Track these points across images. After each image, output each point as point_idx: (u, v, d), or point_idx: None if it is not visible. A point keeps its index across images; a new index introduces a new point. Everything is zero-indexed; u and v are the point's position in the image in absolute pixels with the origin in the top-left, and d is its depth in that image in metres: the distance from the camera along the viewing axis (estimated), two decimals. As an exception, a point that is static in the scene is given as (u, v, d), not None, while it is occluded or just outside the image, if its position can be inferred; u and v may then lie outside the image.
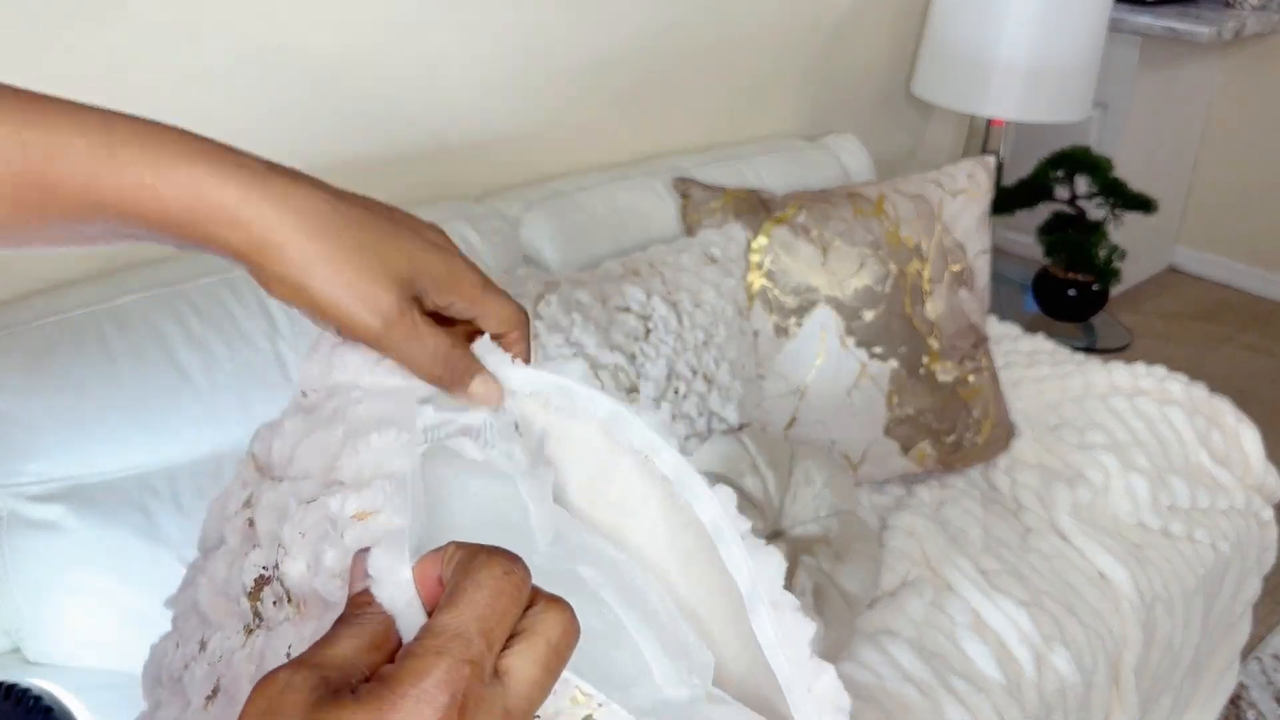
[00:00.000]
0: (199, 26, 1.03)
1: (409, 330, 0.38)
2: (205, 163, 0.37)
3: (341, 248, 0.37)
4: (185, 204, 0.36)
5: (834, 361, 1.25)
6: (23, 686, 0.62)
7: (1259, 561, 1.39)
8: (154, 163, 0.35)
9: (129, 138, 0.35)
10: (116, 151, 0.35)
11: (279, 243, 0.36)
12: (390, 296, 0.37)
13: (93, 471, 0.84)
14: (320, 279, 0.36)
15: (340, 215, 0.37)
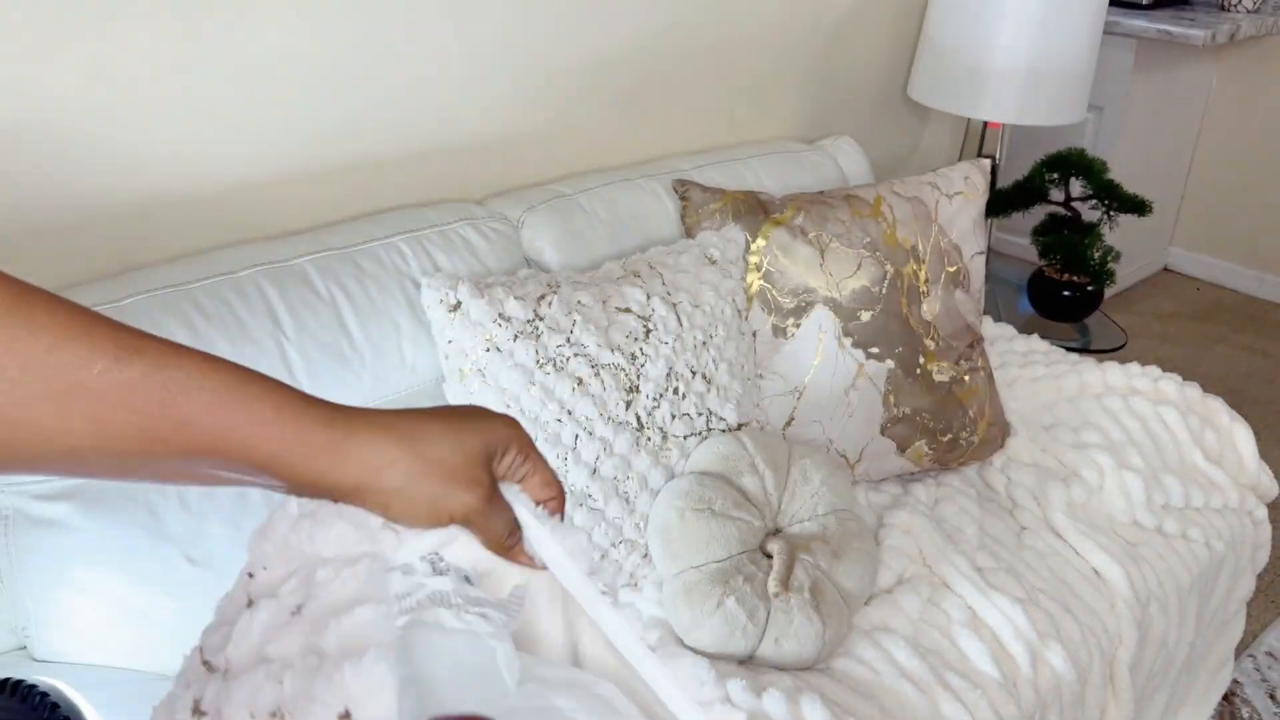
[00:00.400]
0: (200, 27, 1.03)
1: (497, 504, 0.44)
2: (313, 411, 0.40)
3: (434, 466, 0.42)
4: (296, 447, 0.40)
5: (831, 362, 1.26)
6: (29, 684, 0.62)
7: (1252, 560, 1.41)
8: (265, 407, 0.39)
9: (241, 384, 0.39)
10: (238, 395, 0.38)
11: (384, 481, 0.41)
12: (485, 475, 0.43)
13: (99, 470, 0.85)
14: (431, 483, 0.41)
15: (423, 441, 0.42)
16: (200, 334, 0.92)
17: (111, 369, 0.36)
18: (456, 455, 0.42)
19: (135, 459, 0.37)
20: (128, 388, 0.36)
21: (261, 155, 1.13)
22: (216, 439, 0.38)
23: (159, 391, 0.36)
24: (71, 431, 0.35)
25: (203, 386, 0.37)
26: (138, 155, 1.04)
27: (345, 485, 0.41)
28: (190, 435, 0.37)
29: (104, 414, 0.36)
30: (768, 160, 1.51)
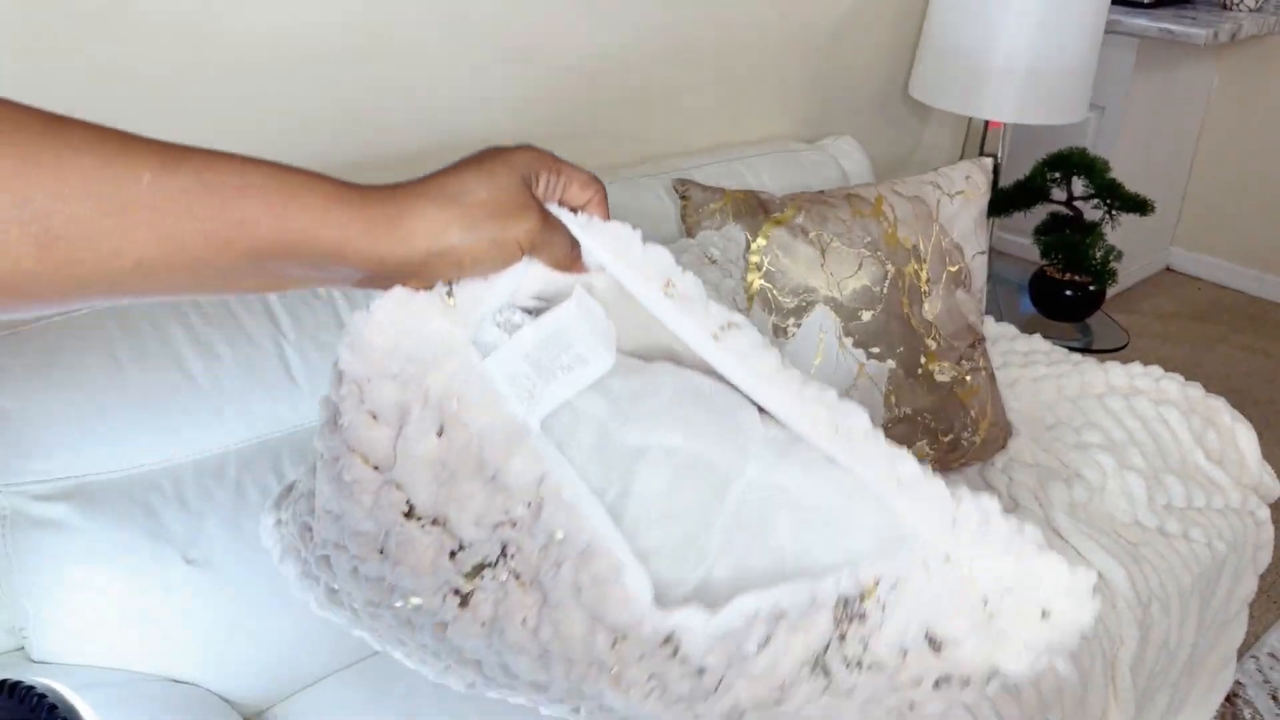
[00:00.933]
0: (200, 27, 1.03)
1: (553, 223, 0.47)
2: (364, 195, 0.43)
3: (481, 209, 0.45)
4: (358, 231, 0.42)
5: (832, 361, 1.26)
6: (27, 684, 0.62)
7: (1254, 560, 1.40)
8: (316, 197, 0.41)
9: (286, 177, 0.41)
10: (287, 188, 0.40)
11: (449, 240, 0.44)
12: (530, 199, 0.46)
13: (97, 470, 0.85)
14: (488, 225, 0.44)
15: (463, 191, 0.45)
16: (199, 334, 0.92)
17: (160, 178, 0.36)
18: (498, 192, 0.45)
19: (206, 267, 0.38)
20: (181, 195, 0.37)
21: (259, 155, 1.12)
22: (279, 233, 0.39)
23: (212, 195, 0.37)
24: (136, 243, 0.36)
25: (251, 184, 0.38)
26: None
27: (415, 259, 0.43)
28: (253, 233, 0.38)
29: (165, 224, 0.36)
30: (768, 159, 1.51)
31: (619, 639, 0.46)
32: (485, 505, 0.47)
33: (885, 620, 0.48)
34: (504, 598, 0.48)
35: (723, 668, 0.47)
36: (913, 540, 0.48)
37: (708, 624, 0.46)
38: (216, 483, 0.89)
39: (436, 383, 0.47)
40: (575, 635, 0.46)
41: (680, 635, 0.45)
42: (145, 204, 0.36)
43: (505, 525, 0.47)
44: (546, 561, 0.47)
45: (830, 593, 0.47)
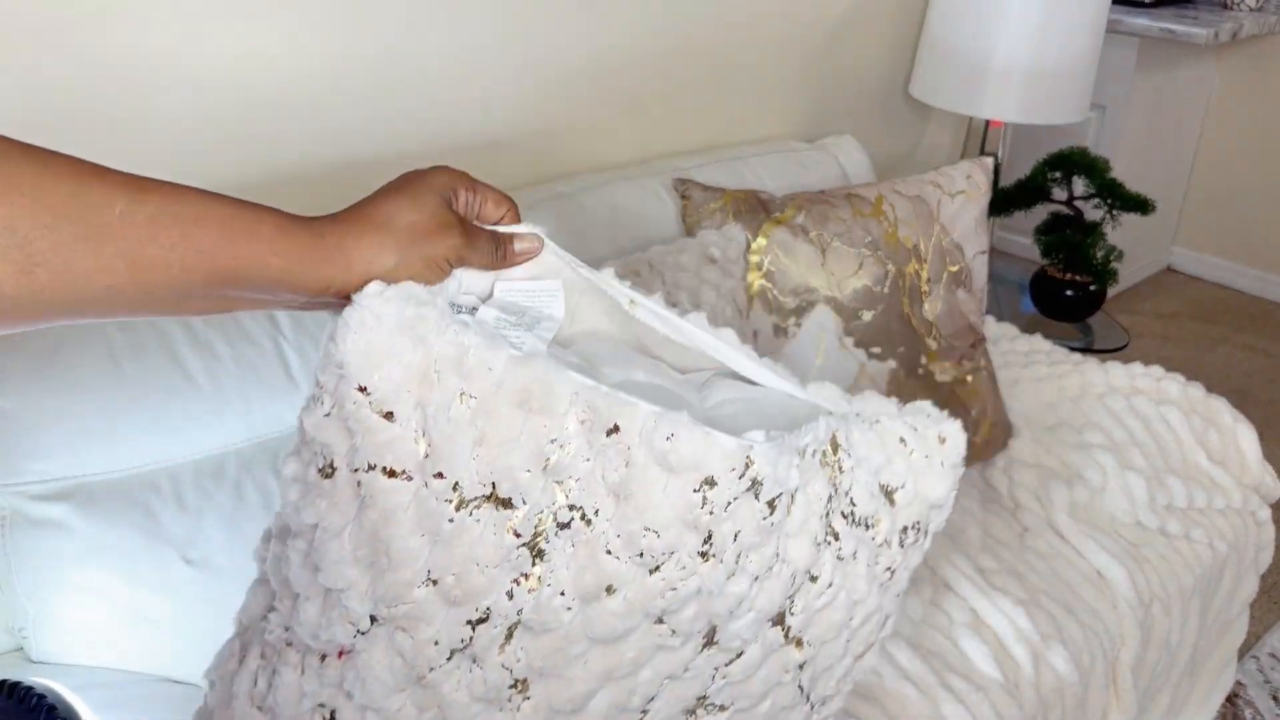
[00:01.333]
0: (199, 27, 1.03)
1: (471, 234, 0.52)
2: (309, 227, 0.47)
3: (409, 231, 0.49)
4: (303, 260, 0.46)
5: (833, 361, 1.26)
6: (26, 685, 0.62)
7: (1256, 561, 1.40)
8: (266, 228, 0.45)
9: (239, 211, 0.44)
10: (241, 221, 0.43)
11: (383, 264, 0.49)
12: (452, 217, 0.51)
13: (96, 471, 0.84)
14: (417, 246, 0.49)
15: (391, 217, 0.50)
16: (198, 334, 0.91)
17: (130, 208, 0.39)
18: (423, 214, 0.49)
19: (167, 290, 0.42)
20: (149, 224, 0.40)
21: (259, 156, 1.12)
22: (234, 261, 0.43)
23: (176, 224, 0.41)
24: (108, 270, 0.39)
25: (210, 215, 0.42)
26: (136, 159, 1.03)
27: (353, 283, 0.47)
28: (211, 261, 0.42)
29: (134, 250, 0.40)
30: (768, 159, 1.51)
31: (708, 488, 0.50)
32: (532, 442, 0.49)
33: (855, 471, 0.57)
34: (572, 550, 0.50)
35: (780, 511, 0.53)
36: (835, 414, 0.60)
37: (767, 439, 0.52)
38: (215, 483, 0.89)
39: (445, 346, 0.49)
40: (667, 509, 0.50)
41: (754, 456, 0.51)
42: (118, 232, 0.39)
43: (556, 456, 0.49)
44: (614, 465, 0.50)
45: (814, 441, 0.56)
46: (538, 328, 0.56)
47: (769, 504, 0.53)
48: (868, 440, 0.58)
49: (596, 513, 0.50)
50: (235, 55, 1.07)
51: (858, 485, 0.58)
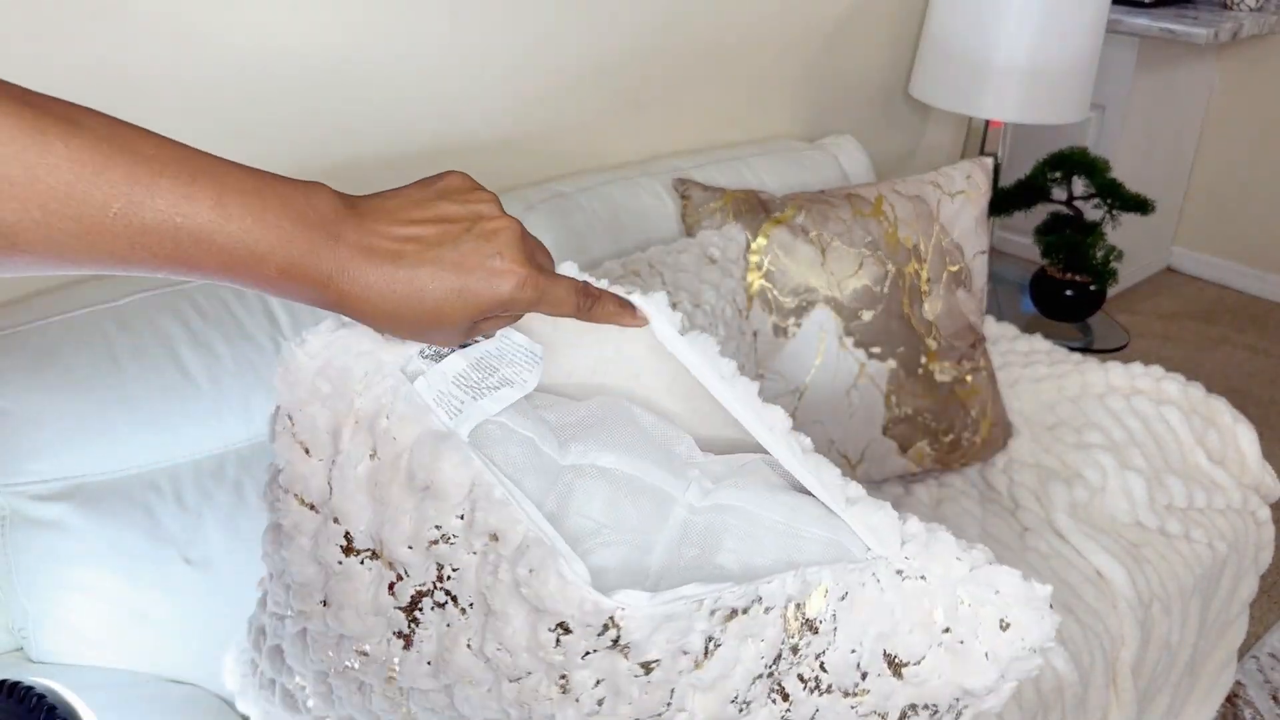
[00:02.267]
0: (197, 26, 1.03)
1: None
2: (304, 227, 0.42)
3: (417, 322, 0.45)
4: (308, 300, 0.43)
5: (833, 361, 1.26)
6: (26, 685, 0.62)
7: (1255, 561, 1.40)
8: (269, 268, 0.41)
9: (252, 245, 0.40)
10: (251, 259, 0.40)
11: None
12: (459, 338, 0.47)
13: (96, 471, 0.84)
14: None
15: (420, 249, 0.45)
16: (198, 334, 0.91)
17: (126, 212, 0.37)
18: (441, 322, 0.45)
19: (155, 277, 0.41)
20: (142, 234, 0.38)
21: (258, 156, 1.12)
22: (225, 278, 0.41)
23: (172, 241, 0.38)
24: (95, 260, 0.38)
25: (214, 242, 0.39)
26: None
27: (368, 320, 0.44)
28: (202, 275, 0.40)
29: (124, 252, 0.38)
30: (768, 159, 1.51)
31: (562, 632, 0.45)
32: (418, 522, 0.47)
33: (838, 633, 0.48)
34: (446, 629, 0.48)
35: (670, 665, 0.46)
36: (862, 556, 0.49)
37: (649, 601, 0.45)
38: (215, 483, 0.89)
39: (366, 403, 0.48)
40: (519, 638, 0.46)
41: (621, 618, 0.45)
42: (109, 233, 0.37)
43: (439, 542, 0.47)
44: (484, 571, 0.47)
45: (777, 594, 0.47)
46: (495, 394, 0.51)
47: (643, 665, 0.46)
48: (877, 601, 0.48)
49: (471, 605, 0.48)
50: (234, 54, 1.07)
51: (836, 651, 0.49)
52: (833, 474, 0.51)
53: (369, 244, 0.43)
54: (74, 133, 0.36)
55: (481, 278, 0.44)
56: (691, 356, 0.53)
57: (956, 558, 0.48)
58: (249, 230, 0.39)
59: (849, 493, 0.51)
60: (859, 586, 0.48)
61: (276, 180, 0.41)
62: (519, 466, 0.49)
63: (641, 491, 0.52)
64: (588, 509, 0.50)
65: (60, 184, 0.35)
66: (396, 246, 0.43)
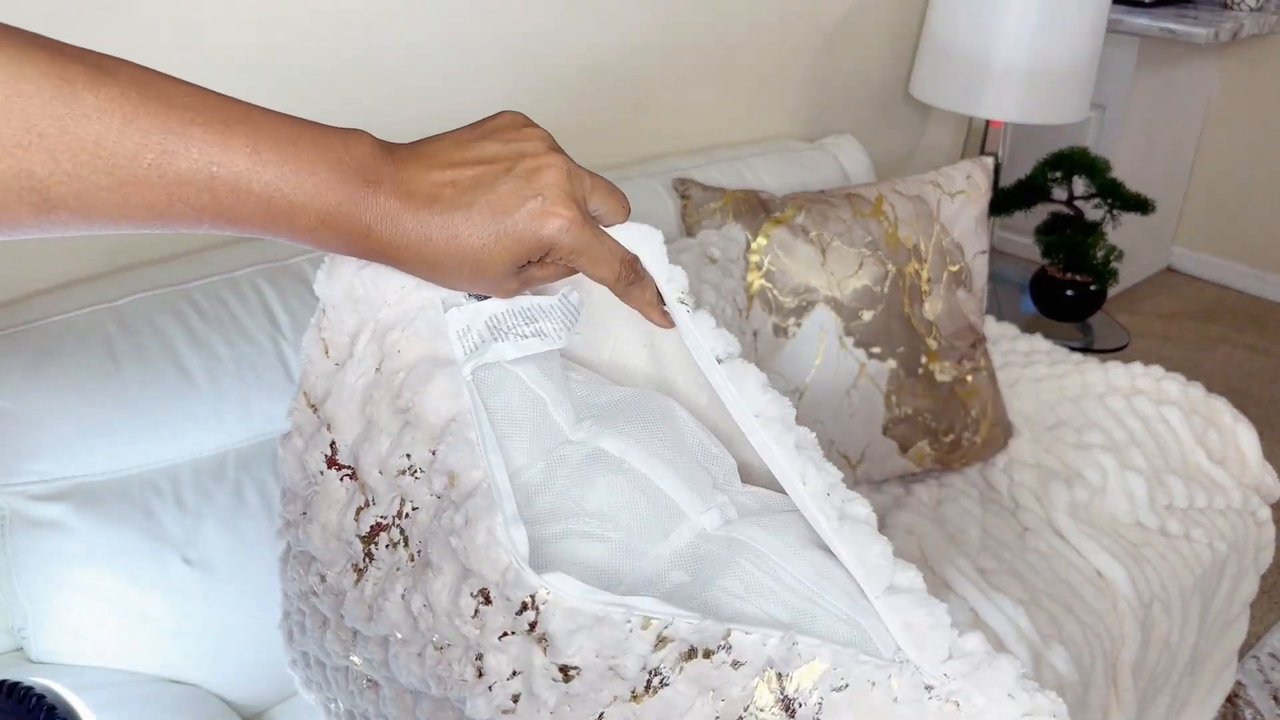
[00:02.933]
0: (194, 24, 1.03)
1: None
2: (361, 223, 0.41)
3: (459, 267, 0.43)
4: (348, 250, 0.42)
5: (833, 361, 1.26)
6: (25, 685, 0.62)
7: (1256, 561, 1.40)
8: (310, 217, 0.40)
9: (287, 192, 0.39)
10: (282, 210, 0.39)
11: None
12: (510, 284, 0.44)
13: (95, 471, 0.84)
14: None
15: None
16: (197, 334, 0.91)
17: (160, 162, 0.36)
18: (483, 267, 0.43)
19: (192, 231, 0.39)
20: (179, 184, 0.36)
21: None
22: (266, 232, 0.40)
23: (208, 190, 0.37)
24: (131, 215, 0.37)
25: (249, 190, 0.38)
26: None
27: (378, 261, 0.43)
28: (240, 226, 0.39)
29: (161, 205, 0.37)
30: (768, 159, 1.51)
31: (481, 601, 0.42)
32: (393, 445, 0.45)
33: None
34: (395, 572, 0.46)
35: (597, 683, 0.41)
36: (888, 656, 0.41)
37: (579, 594, 0.41)
38: (215, 483, 0.89)
39: (390, 315, 0.46)
40: (443, 597, 0.43)
41: (542, 601, 0.41)
42: (144, 184, 0.36)
43: (406, 473, 0.45)
44: (434, 515, 0.44)
45: (754, 651, 0.40)
46: (520, 342, 0.48)
47: (562, 669, 0.41)
48: (884, 710, 0.39)
49: (418, 552, 0.45)
50: (230, 53, 1.07)
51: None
52: (880, 551, 0.42)
53: (407, 189, 0.41)
54: (104, 81, 0.35)
55: (520, 220, 0.42)
56: (723, 383, 0.47)
57: (1010, 694, 0.38)
58: (285, 178, 0.38)
59: (897, 579, 0.42)
60: (866, 684, 0.39)
61: (314, 127, 0.40)
62: (515, 421, 0.46)
63: (650, 494, 0.46)
64: (578, 491, 0.46)
65: (90, 135, 0.34)
66: (434, 190, 0.41)
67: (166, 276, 0.95)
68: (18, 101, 0.33)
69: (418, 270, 0.43)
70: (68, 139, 0.34)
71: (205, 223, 0.38)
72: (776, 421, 0.45)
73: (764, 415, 0.45)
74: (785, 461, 0.44)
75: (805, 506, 0.44)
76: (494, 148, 0.43)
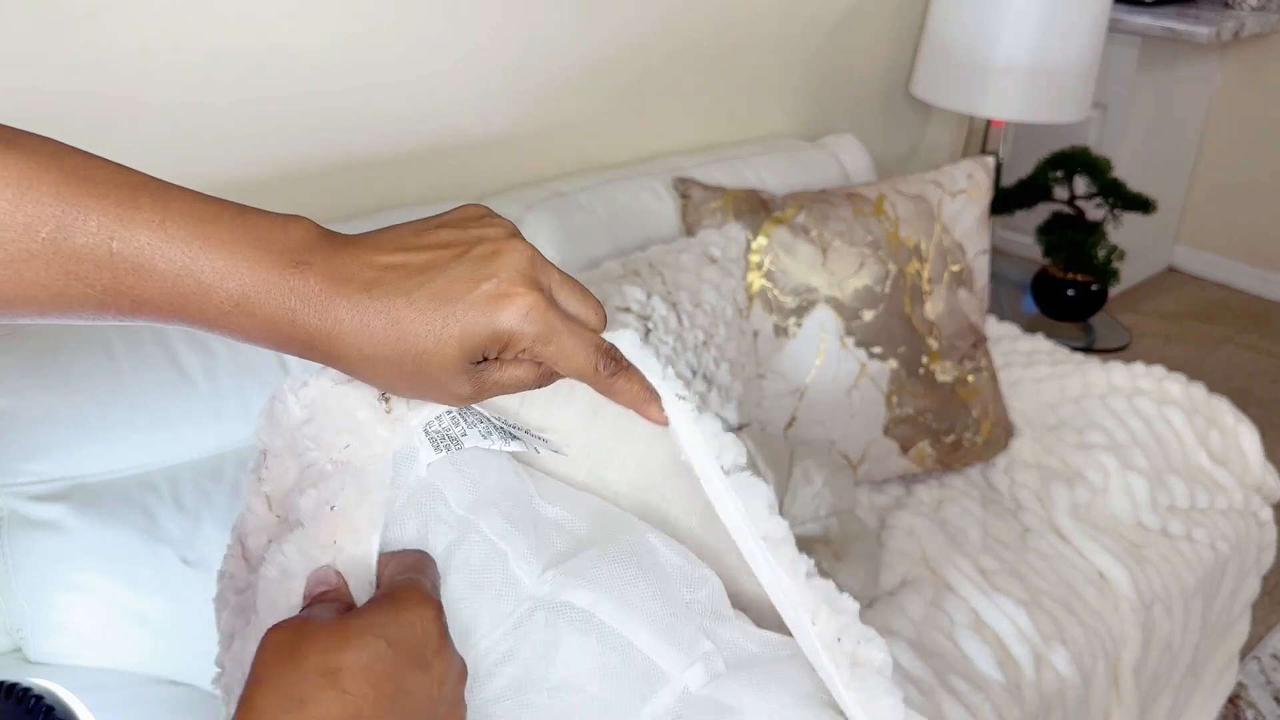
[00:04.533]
0: (196, 29, 1.03)
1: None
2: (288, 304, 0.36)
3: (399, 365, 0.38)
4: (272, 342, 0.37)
5: (833, 361, 1.25)
6: (24, 686, 0.62)
7: (1258, 561, 1.40)
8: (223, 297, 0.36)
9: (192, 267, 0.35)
10: (193, 280, 0.35)
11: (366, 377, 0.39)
12: (463, 387, 0.38)
13: (94, 471, 0.84)
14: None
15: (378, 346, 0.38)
16: (195, 334, 0.91)
17: (56, 236, 0.33)
18: (426, 367, 0.37)
19: (100, 318, 0.36)
20: (75, 260, 0.33)
21: (256, 155, 1.12)
22: (176, 317, 0.36)
23: (107, 267, 0.34)
24: (27, 296, 0.34)
25: (153, 268, 0.34)
26: (132, 157, 1.03)
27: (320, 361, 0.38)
28: (148, 312, 0.35)
29: (58, 284, 0.34)
30: (769, 158, 1.51)
31: None
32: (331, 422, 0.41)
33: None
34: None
35: None
36: None
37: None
38: (214, 483, 0.89)
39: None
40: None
41: None
42: (40, 260, 0.33)
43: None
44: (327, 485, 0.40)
45: None
46: (489, 437, 0.43)
47: None
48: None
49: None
50: (230, 52, 1.07)
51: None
52: (891, 705, 0.40)
53: (342, 272, 0.36)
54: (1, 151, 0.33)
55: (471, 306, 0.36)
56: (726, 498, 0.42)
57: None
58: (194, 256, 0.34)
59: None
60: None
61: (243, 208, 0.36)
62: (479, 584, 0.40)
63: (624, 654, 0.40)
64: (542, 664, 0.40)
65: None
66: (375, 275, 0.36)
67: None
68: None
69: (355, 368, 0.37)
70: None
71: (109, 309, 0.35)
72: (786, 546, 0.41)
73: (771, 538, 0.41)
74: (797, 595, 0.41)
75: (813, 650, 0.40)
76: (451, 234, 0.38)
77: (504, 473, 0.43)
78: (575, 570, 0.41)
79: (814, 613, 0.40)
